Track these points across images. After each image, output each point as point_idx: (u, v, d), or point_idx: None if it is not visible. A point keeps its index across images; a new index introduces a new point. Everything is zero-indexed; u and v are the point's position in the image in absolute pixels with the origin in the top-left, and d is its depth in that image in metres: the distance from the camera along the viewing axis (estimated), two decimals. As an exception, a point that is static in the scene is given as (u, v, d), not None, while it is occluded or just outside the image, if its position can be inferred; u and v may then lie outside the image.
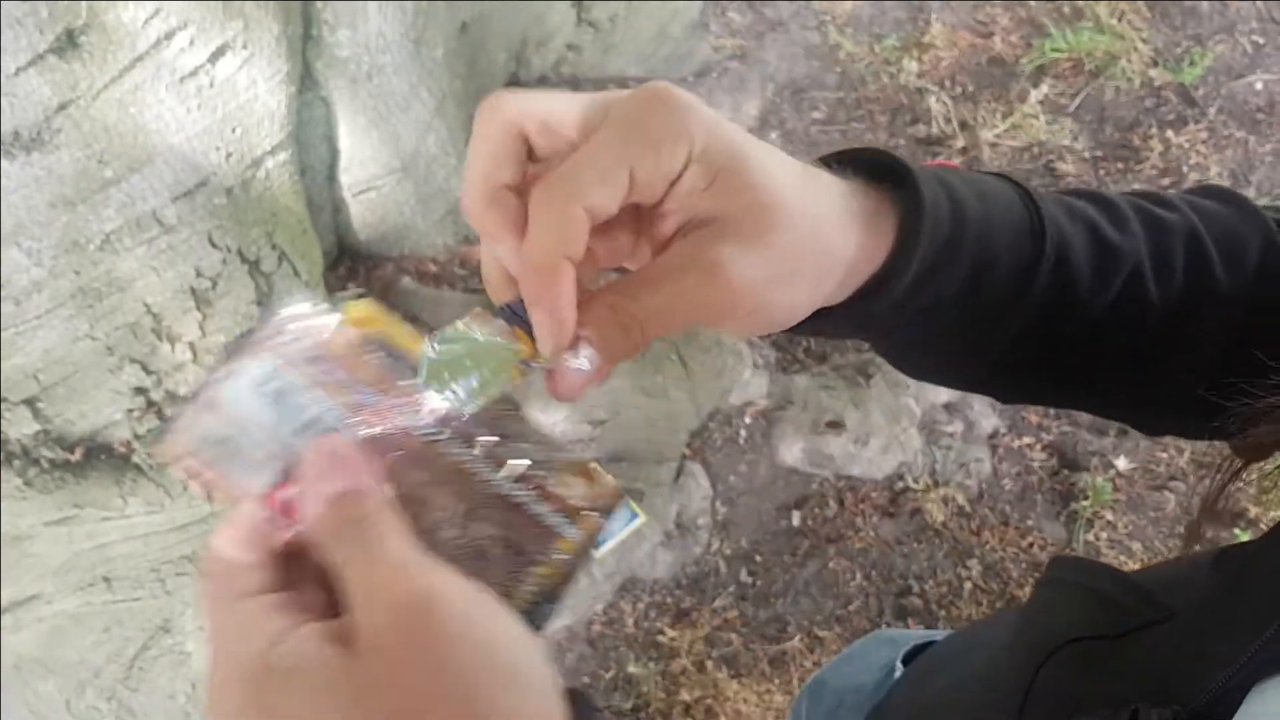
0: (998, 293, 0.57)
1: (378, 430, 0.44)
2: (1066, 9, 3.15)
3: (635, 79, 2.92)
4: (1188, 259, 0.62)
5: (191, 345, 1.83)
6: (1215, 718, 0.49)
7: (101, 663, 1.95)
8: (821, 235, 0.48)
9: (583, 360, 0.45)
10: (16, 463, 1.82)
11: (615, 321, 0.45)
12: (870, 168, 0.54)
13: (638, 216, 0.50)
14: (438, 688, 0.38)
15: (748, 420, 2.43)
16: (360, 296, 0.45)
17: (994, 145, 2.87)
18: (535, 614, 0.45)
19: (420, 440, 0.45)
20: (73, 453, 1.84)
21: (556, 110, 0.47)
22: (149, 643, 1.96)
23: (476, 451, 0.45)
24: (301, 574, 0.44)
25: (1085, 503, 2.40)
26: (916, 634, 1.09)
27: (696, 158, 0.45)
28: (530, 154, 0.48)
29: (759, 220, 0.46)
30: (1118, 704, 0.52)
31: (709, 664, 2.21)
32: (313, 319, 0.45)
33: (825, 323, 0.54)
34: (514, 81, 2.83)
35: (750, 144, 0.47)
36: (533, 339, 0.44)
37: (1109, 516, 2.41)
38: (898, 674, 1.01)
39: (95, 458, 1.85)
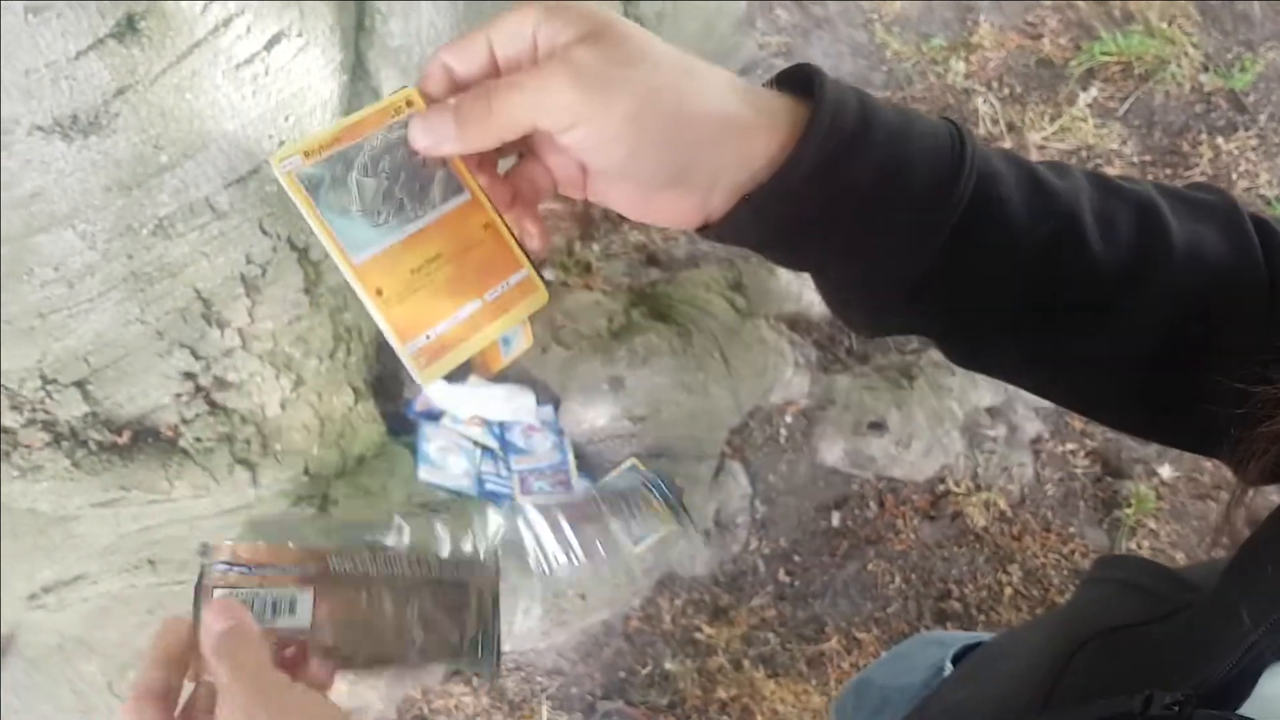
0: (913, 202, 0.55)
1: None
2: (1116, 11, 3.12)
3: (680, 75, 2.91)
4: (1139, 223, 0.59)
5: (240, 331, 1.84)
6: (1227, 701, 0.49)
7: (144, 644, 1.96)
8: (683, 68, 0.52)
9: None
10: (65, 444, 1.84)
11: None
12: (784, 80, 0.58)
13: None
14: None
15: (788, 419, 2.42)
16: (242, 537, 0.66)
17: (1041, 147, 2.85)
18: (487, 641, 0.66)
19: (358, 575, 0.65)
20: (121, 435, 1.86)
21: None
22: (191, 626, 1.98)
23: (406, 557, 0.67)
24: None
25: (1128, 510, 2.38)
26: (966, 635, 1.09)
27: (544, 18, 0.52)
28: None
29: (600, 26, 0.51)
30: (1138, 689, 0.52)
31: (746, 663, 2.20)
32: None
33: (742, 214, 0.55)
34: (559, 75, 2.83)
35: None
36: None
37: (1152, 525, 2.39)
38: (947, 673, 1.01)
39: (143, 441, 1.86)
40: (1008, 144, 2.83)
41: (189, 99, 1.63)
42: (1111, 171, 2.79)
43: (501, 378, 2.28)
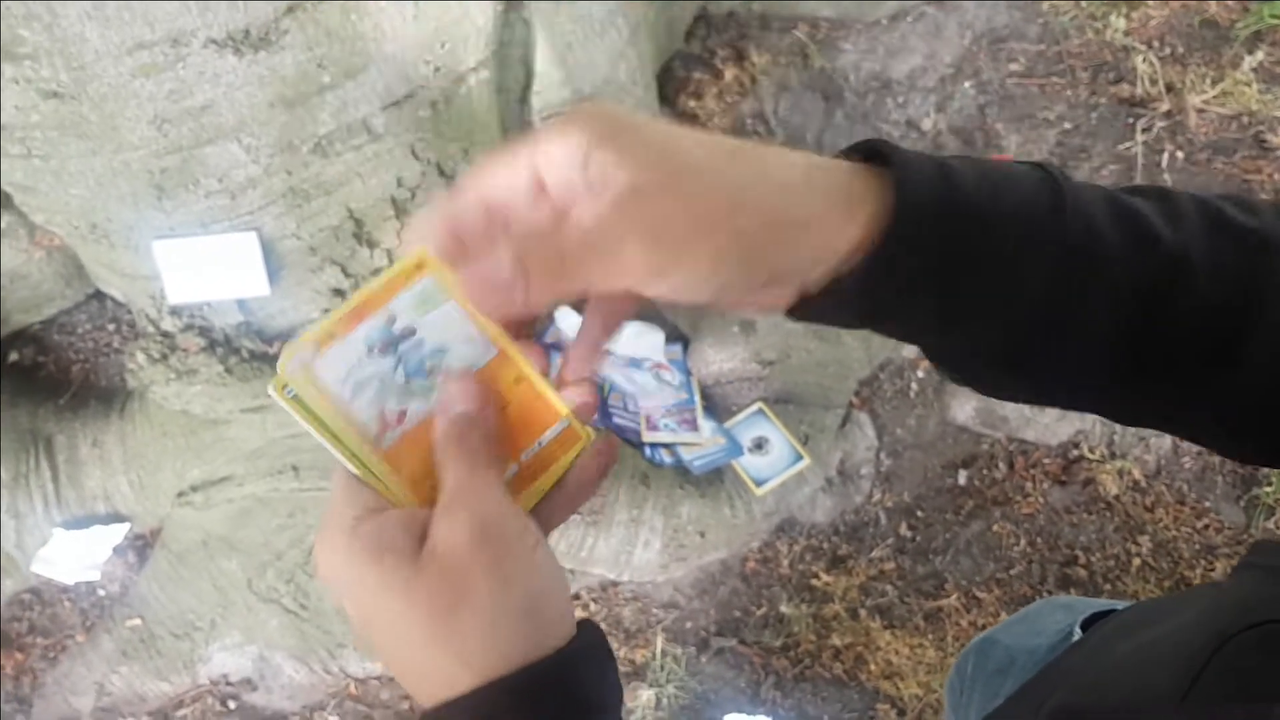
0: (1005, 260, 0.52)
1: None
2: (1291, -29, 2.95)
3: (826, 19, 2.87)
4: (1248, 265, 0.56)
5: (388, 253, 1.89)
6: None
7: (284, 546, 2.04)
8: (750, 171, 0.50)
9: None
10: (219, 350, 1.92)
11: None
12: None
13: None
14: (487, 598, 0.48)
15: (920, 374, 2.39)
16: None
17: (1200, 111, 2.73)
18: None
19: None
20: (271, 346, 1.93)
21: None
22: (328, 533, 2.05)
23: None
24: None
25: (1268, 489, 2.29)
26: (1096, 602, 1.06)
27: (595, 145, 0.49)
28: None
29: (657, 155, 0.49)
30: None
31: (862, 612, 2.19)
32: None
33: (828, 303, 0.53)
34: (703, 15, 2.81)
35: (650, 122, 0.50)
36: None
37: (1293, 506, 2.30)
38: (1075, 639, 0.99)
39: (292, 352, 1.93)
40: (1165, 106, 2.72)
41: (354, 20, 1.67)
42: (1276, 140, 2.67)
43: (633, 315, 2.29)
